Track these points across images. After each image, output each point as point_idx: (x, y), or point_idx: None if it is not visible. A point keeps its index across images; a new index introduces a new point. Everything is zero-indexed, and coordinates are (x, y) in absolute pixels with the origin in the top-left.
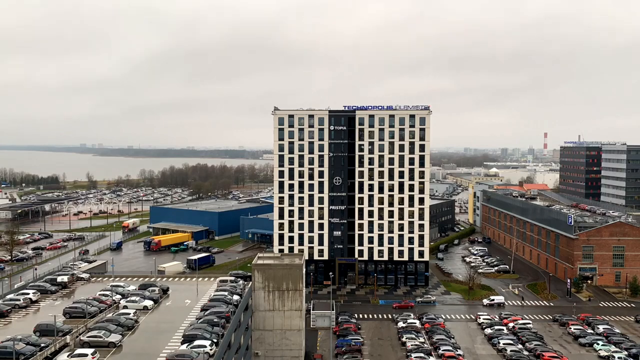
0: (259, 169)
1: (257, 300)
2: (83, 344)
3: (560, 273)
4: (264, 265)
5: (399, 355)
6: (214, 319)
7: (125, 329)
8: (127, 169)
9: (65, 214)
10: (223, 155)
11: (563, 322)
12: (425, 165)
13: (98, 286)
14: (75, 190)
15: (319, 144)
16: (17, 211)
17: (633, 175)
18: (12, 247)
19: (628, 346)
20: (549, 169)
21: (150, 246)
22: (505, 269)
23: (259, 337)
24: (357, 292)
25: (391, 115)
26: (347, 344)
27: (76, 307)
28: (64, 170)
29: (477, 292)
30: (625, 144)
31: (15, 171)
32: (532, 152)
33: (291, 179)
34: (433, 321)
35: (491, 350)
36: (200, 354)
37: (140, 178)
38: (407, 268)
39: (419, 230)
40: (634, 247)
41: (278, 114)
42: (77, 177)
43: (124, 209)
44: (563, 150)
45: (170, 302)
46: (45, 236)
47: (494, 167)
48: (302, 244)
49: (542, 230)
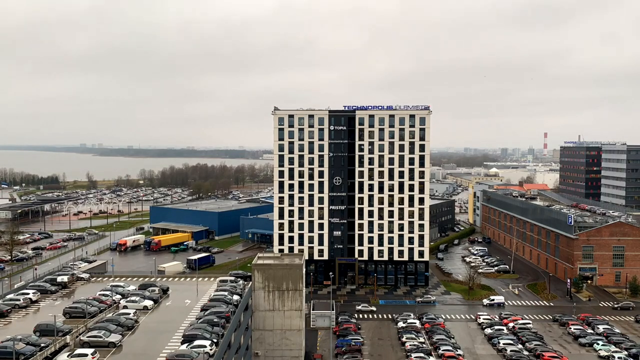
0: (259, 169)
1: (257, 300)
2: (83, 344)
3: (560, 273)
4: (264, 265)
5: (398, 355)
6: (214, 319)
7: (125, 329)
8: (127, 169)
9: (65, 214)
10: (223, 155)
11: (563, 322)
12: (425, 165)
13: (98, 286)
14: (75, 190)
15: (319, 144)
16: (17, 211)
17: (633, 175)
18: (12, 247)
19: (628, 346)
20: (549, 169)
21: (150, 246)
22: (505, 269)
23: (259, 337)
24: (357, 292)
25: (391, 115)
26: (347, 344)
27: (76, 307)
28: (64, 170)
29: (477, 292)
30: (625, 144)
31: (15, 171)
32: (532, 152)
33: (291, 179)
34: (433, 321)
35: (491, 350)
36: (200, 354)
37: (140, 178)
38: (407, 268)
39: (419, 230)
40: (634, 247)
41: (278, 114)
42: (77, 177)
43: (124, 209)
44: (563, 150)
45: (170, 302)
46: (45, 236)
47: (494, 167)
48: (302, 244)
49: (542, 230)
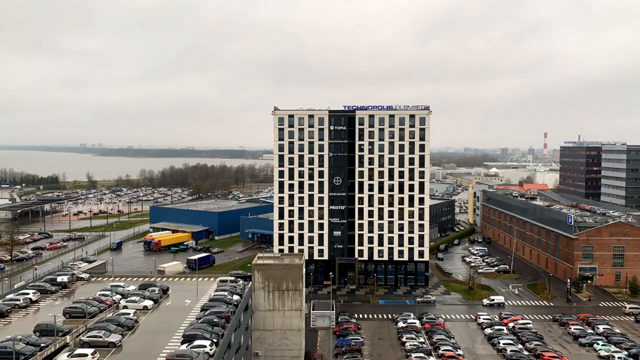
0: (259, 169)
1: (257, 300)
2: (83, 344)
3: (560, 273)
4: (264, 265)
5: (398, 355)
6: (214, 319)
7: (125, 329)
8: (127, 169)
9: (65, 214)
10: (223, 155)
11: (563, 322)
12: (425, 165)
13: (98, 286)
14: (75, 190)
15: (319, 144)
16: (17, 211)
17: (633, 175)
18: (12, 247)
19: (628, 346)
20: (549, 169)
21: (150, 246)
22: (505, 269)
23: (259, 337)
24: (357, 292)
25: (391, 115)
26: (347, 344)
27: (76, 307)
28: (64, 170)
29: (477, 292)
30: (625, 144)
31: (15, 171)
32: (532, 152)
33: (291, 179)
34: (433, 321)
35: (491, 350)
36: (200, 354)
37: (140, 178)
38: (407, 268)
39: (419, 230)
40: (634, 247)
41: (278, 113)
42: (77, 177)
43: (124, 209)
44: (563, 150)
45: (170, 302)
46: (45, 236)
47: (494, 167)
48: (302, 244)
49: (542, 230)
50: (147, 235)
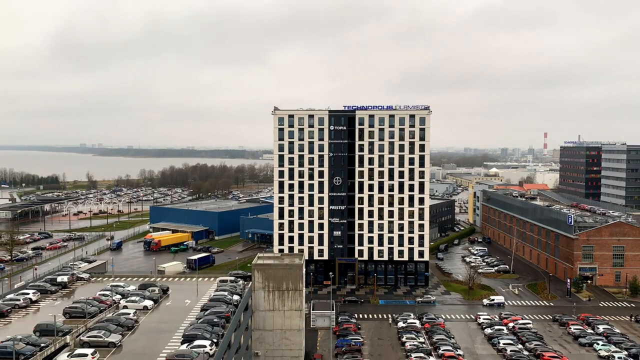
0: (259, 169)
1: (257, 300)
2: (83, 344)
3: (560, 273)
4: (264, 265)
5: (398, 355)
6: (214, 319)
7: (125, 329)
8: (127, 169)
9: (65, 214)
10: (223, 155)
11: (563, 322)
12: (425, 165)
13: (98, 286)
14: (75, 190)
15: (319, 144)
16: (17, 211)
17: (633, 175)
18: (12, 247)
19: (628, 346)
20: (549, 169)
21: (150, 246)
22: (505, 269)
23: (259, 337)
24: (357, 292)
25: (391, 115)
26: (347, 344)
27: (76, 307)
28: (64, 170)
29: (477, 292)
30: (625, 144)
31: (15, 171)
32: (532, 152)
33: (291, 179)
34: (433, 321)
35: (491, 350)
36: (200, 354)
37: (140, 178)
38: (407, 268)
39: (419, 230)
40: (634, 247)
41: (278, 113)
42: (77, 177)
43: (124, 209)
44: (563, 150)
45: (170, 302)
46: (45, 236)
47: (494, 167)
48: (302, 244)
49: (542, 230)
50: (147, 235)
